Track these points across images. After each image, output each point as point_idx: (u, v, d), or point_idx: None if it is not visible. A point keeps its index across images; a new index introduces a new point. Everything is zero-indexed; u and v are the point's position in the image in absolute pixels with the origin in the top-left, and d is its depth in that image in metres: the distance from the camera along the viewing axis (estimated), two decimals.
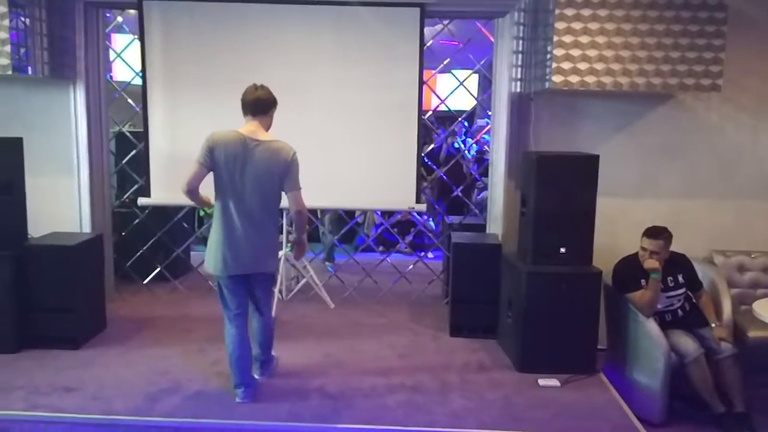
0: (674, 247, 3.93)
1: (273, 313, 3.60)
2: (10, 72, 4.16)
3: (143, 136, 5.01)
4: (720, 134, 4.68)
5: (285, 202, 3.35)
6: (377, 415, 3.31)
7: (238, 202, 3.26)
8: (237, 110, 3.42)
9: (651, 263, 3.77)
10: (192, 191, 3.30)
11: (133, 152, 5.44)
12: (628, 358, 3.88)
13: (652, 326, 3.71)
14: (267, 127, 3.35)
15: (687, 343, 3.72)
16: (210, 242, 3.35)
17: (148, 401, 3.38)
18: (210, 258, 3.34)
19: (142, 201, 5.08)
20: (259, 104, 3.30)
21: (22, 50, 4.22)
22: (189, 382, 3.64)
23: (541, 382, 3.74)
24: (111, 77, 5.68)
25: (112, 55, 5.68)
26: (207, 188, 3.35)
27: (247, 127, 3.29)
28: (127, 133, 5.53)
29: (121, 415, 3.22)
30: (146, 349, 4.16)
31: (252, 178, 3.22)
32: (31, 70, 4.30)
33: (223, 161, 3.23)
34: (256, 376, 3.59)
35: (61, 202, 4.87)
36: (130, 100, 5.47)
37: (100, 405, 3.33)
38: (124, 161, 5.50)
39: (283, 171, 3.25)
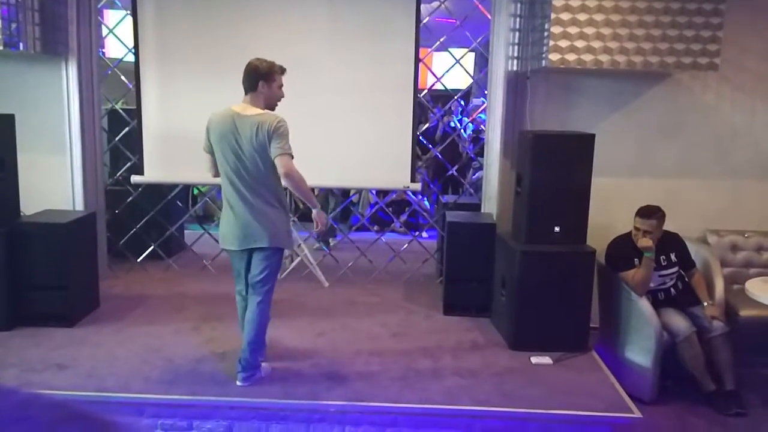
0: (668, 226, 3.94)
1: (267, 309, 3.44)
2: (1, 48, 4.10)
3: (136, 114, 4.98)
4: (716, 114, 4.66)
5: None
6: (370, 392, 3.33)
7: (232, 179, 3.24)
8: (231, 87, 3.39)
9: (644, 242, 3.78)
10: (216, 176, 3.40)
11: (126, 129, 5.40)
12: (620, 336, 3.90)
13: (644, 305, 3.72)
14: (263, 100, 3.24)
15: (679, 322, 3.74)
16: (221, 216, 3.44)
17: (142, 379, 3.39)
18: (220, 231, 3.43)
19: (135, 179, 5.05)
20: (245, 81, 3.25)
21: (14, 26, 4.15)
22: (182, 360, 3.65)
23: (534, 360, 3.76)
24: (103, 54, 5.62)
25: (104, 31, 5.61)
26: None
27: (240, 103, 3.27)
28: (120, 111, 5.49)
29: (115, 393, 3.23)
30: (140, 327, 4.16)
31: (241, 153, 3.19)
32: (23, 45, 4.24)
33: (216, 140, 3.24)
34: (237, 382, 3.35)
35: (53, 180, 4.84)
36: (123, 77, 5.42)
37: (93, 382, 3.34)
38: (117, 139, 5.47)
39: (267, 140, 3.14)
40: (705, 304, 3.89)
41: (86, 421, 0.44)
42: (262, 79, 3.24)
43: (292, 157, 3.18)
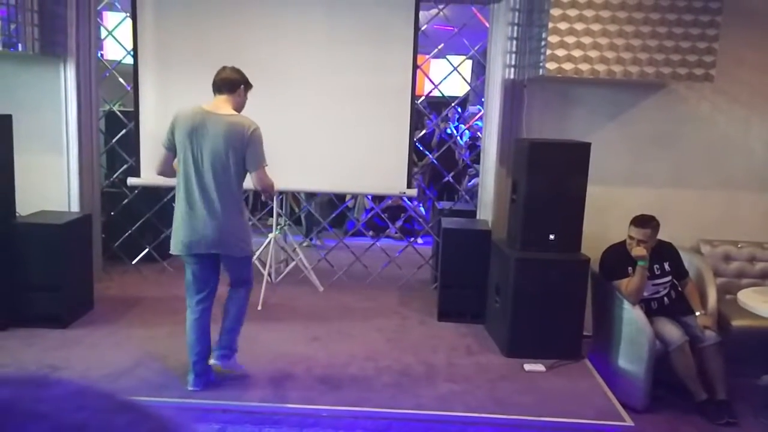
0: (662, 236, 3.96)
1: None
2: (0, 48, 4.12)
3: (134, 116, 4.98)
4: (711, 125, 4.69)
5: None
6: (364, 397, 3.33)
7: (197, 178, 3.17)
8: None
9: (639, 251, 3.80)
10: (162, 174, 3.37)
11: (123, 131, 5.40)
12: (613, 344, 3.91)
13: (637, 313, 3.74)
14: (235, 105, 3.26)
15: (671, 331, 3.75)
16: (174, 220, 3.26)
17: (135, 381, 3.39)
18: (173, 237, 3.25)
19: (131, 181, 5.05)
20: (225, 82, 3.25)
21: (13, 26, 4.16)
22: (176, 362, 3.64)
23: (527, 367, 3.77)
24: (102, 56, 5.63)
25: (103, 33, 5.62)
26: None
27: (212, 103, 3.26)
28: (118, 113, 5.49)
29: None
30: (134, 329, 4.16)
31: (208, 152, 3.14)
32: (21, 46, 4.25)
33: (182, 137, 3.18)
34: (212, 360, 3.36)
35: (49, 181, 4.83)
36: (121, 79, 5.42)
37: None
38: (113, 140, 5.47)
39: (241, 147, 3.14)
40: (698, 313, 3.90)
41: (138, 411, 0.45)
42: (244, 84, 3.30)
43: (266, 166, 3.24)
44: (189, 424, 0.48)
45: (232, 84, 3.26)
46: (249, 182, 3.32)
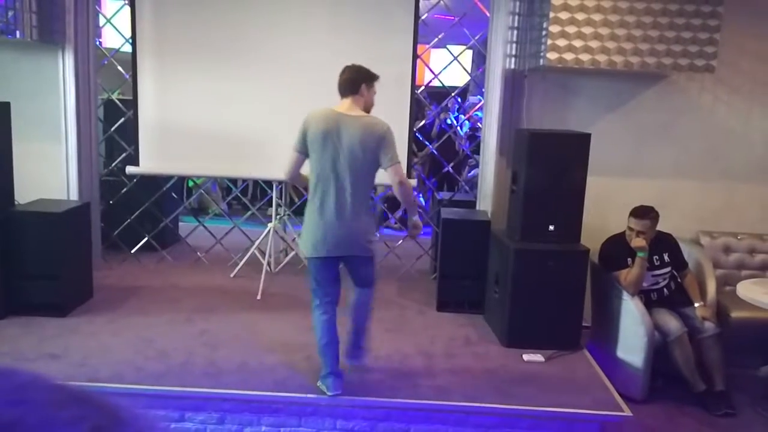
0: (662, 227, 3.96)
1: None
2: None
3: (132, 104, 4.96)
4: (712, 116, 4.68)
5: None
6: (363, 387, 3.33)
7: (331, 180, 3.13)
8: (228, 78, 3.39)
9: (638, 242, 3.80)
10: (293, 179, 3.35)
11: (122, 120, 5.38)
12: (612, 335, 3.92)
13: (636, 304, 3.75)
14: (363, 104, 3.23)
15: (670, 322, 3.76)
16: (304, 223, 3.26)
17: (134, 370, 3.39)
18: (303, 239, 3.26)
19: (130, 170, 5.03)
20: (347, 85, 3.22)
21: (11, 13, 4.14)
22: (175, 351, 3.65)
23: (526, 357, 3.77)
24: (100, 43, 5.59)
25: (101, 21, 5.59)
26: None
27: (341, 105, 3.22)
28: (116, 101, 5.45)
29: (106, 383, 3.23)
30: (132, 317, 4.15)
31: (343, 154, 3.10)
32: (19, 33, 4.22)
33: (316, 140, 3.13)
34: (346, 361, 3.41)
35: (48, 169, 4.82)
36: (119, 67, 5.39)
37: (85, 372, 3.33)
38: (112, 129, 5.44)
39: (376, 146, 3.12)
40: (697, 304, 3.91)
41: (88, 404, 0.42)
42: (364, 82, 3.24)
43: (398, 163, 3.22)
44: (145, 416, 0.45)
45: (352, 84, 3.22)
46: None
